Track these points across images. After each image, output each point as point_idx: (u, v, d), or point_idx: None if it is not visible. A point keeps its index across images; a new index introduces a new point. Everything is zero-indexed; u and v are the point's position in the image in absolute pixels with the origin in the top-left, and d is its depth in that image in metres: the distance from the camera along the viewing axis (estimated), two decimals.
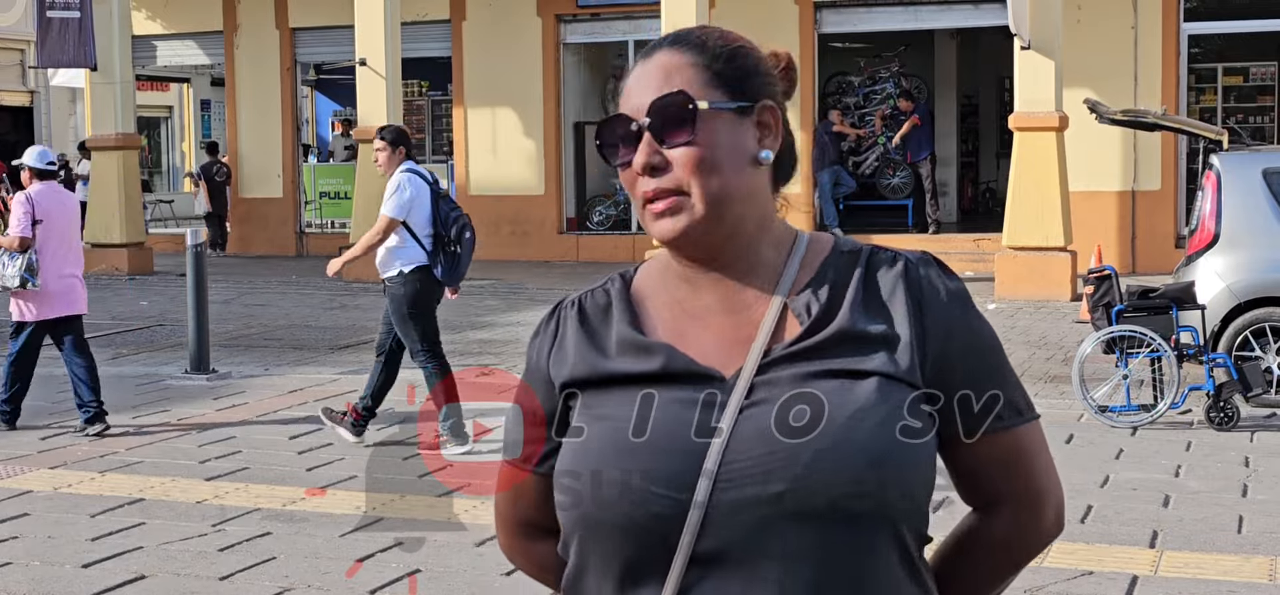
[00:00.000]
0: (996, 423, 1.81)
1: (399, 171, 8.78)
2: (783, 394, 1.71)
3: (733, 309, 1.80)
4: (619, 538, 1.72)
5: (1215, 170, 10.41)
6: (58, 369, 12.01)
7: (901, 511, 1.73)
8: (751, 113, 1.80)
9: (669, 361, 1.77)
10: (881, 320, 1.77)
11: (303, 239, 23.88)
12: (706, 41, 1.84)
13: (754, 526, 1.67)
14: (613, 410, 1.77)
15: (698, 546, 1.68)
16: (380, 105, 19.32)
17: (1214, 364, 9.29)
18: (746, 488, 1.67)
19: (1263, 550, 6.46)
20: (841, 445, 1.68)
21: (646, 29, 20.89)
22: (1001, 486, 1.85)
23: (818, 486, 1.67)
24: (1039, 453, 1.86)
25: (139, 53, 23.25)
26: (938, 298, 1.79)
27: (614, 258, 21.49)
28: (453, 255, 8.84)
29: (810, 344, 1.75)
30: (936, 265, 1.83)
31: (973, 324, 1.82)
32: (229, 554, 6.48)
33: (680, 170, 1.75)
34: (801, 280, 1.80)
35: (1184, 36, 19.37)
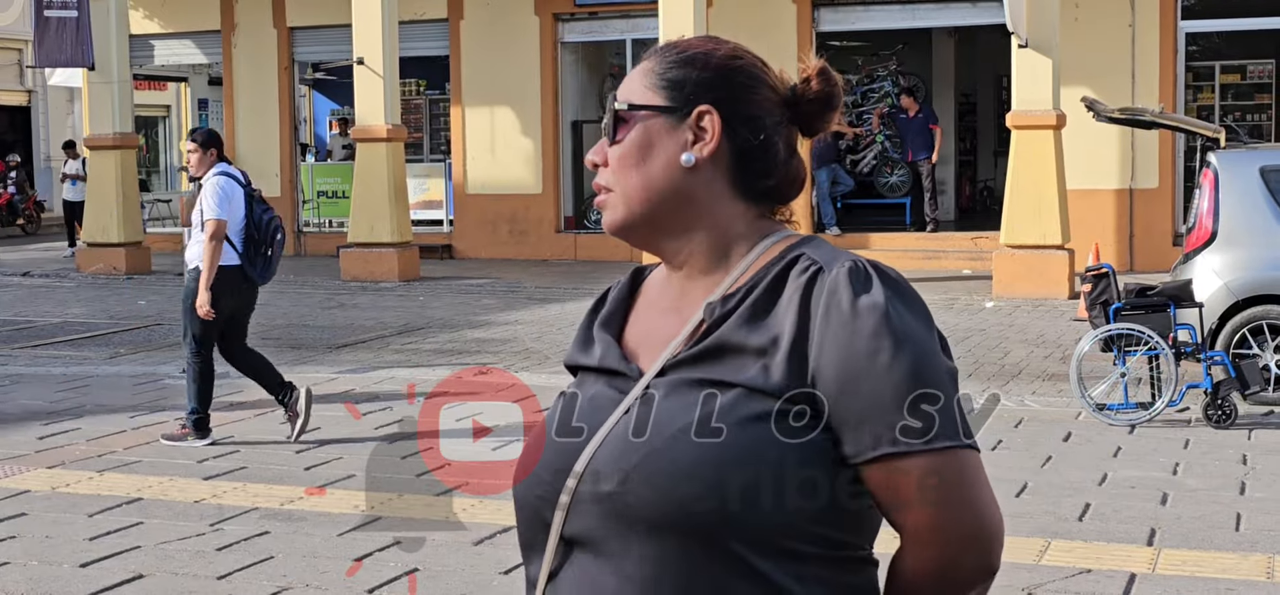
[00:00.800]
0: (873, 450, 1.72)
1: (213, 173, 8.89)
2: (659, 397, 1.78)
3: (678, 309, 1.87)
4: (520, 515, 1.88)
5: (1212, 168, 10.41)
6: (56, 368, 12.02)
7: (742, 529, 1.71)
8: (684, 117, 1.84)
9: (603, 357, 1.90)
10: (766, 331, 1.75)
11: (300, 238, 23.87)
12: (671, 49, 1.90)
13: (597, 519, 1.77)
14: (563, 401, 1.92)
15: (565, 530, 1.80)
16: (378, 104, 19.32)
17: (1212, 362, 9.30)
18: (594, 483, 1.76)
19: (1260, 548, 6.46)
20: (662, 455, 1.72)
21: (644, 28, 20.90)
22: (895, 518, 1.77)
23: (636, 492, 1.73)
24: (941, 485, 1.72)
25: (136, 52, 23.24)
26: (835, 309, 1.72)
27: (612, 257, 21.49)
28: (266, 257, 8.94)
29: (694, 352, 1.79)
30: (860, 274, 1.74)
31: (873, 343, 1.70)
32: (227, 553, 6.48)
33: (610, 169, 1.88)
34: (735, 286, 1.82)
35: (1181, 34, 19.37)
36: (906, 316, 1.73)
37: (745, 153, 1.85)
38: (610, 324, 1.94)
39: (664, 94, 1.85)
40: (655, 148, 1.85)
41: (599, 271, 19.94)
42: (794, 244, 1.84)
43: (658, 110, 1.85)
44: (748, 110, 1.85)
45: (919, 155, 21.11)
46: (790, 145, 1.89)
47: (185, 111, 33.76)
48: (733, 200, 1.86)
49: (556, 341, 13.56)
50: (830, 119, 1.90)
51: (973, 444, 1.76)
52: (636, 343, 1.89)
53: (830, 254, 1.79)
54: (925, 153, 21.01)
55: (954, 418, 1.74)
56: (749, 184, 1.86)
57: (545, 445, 1.86)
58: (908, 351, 1.71)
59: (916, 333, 1.74)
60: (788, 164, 1.89)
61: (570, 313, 15.67)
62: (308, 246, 23.68)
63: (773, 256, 1.83)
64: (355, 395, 10.42)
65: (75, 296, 18.03)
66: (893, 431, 1.71)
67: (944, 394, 1.73)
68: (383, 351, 13.07)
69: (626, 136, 1.87)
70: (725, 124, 1.84)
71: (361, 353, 13.00)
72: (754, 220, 1.87)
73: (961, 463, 1.74)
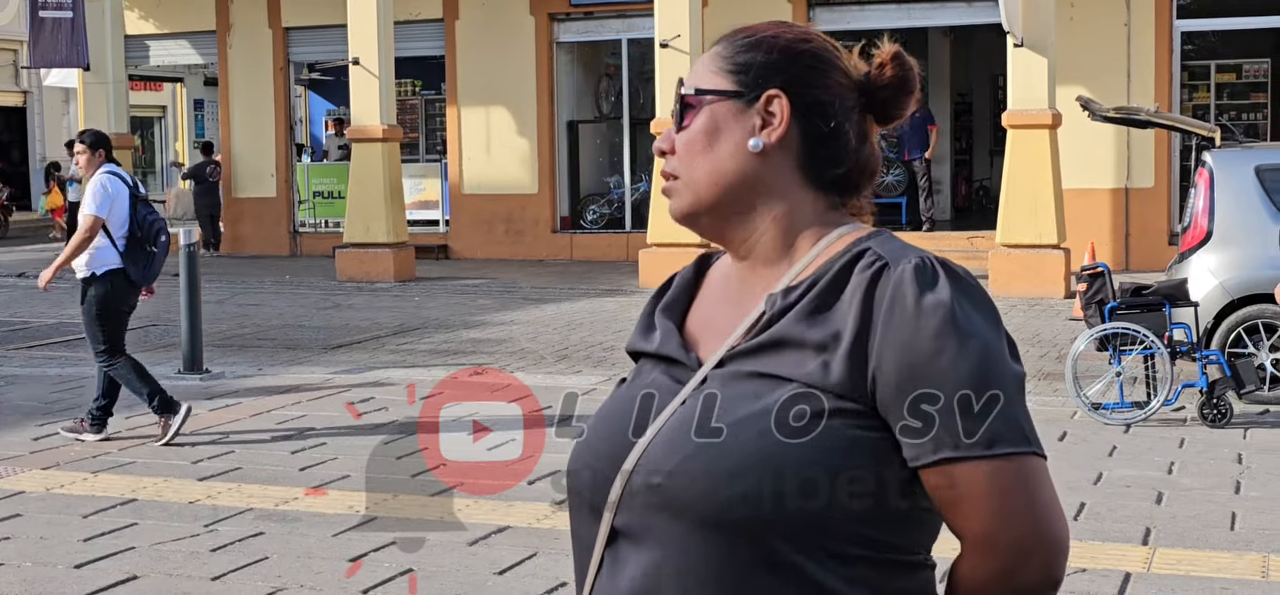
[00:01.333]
0: (933, 454, 1.66)
1: (99, 173, 8.98)
2: (716, 388, 1.75)
3: (740, 300, 1.82)
4: (573, 502, 1.85)
5: (1208, 167, 10.41)
6: (52, 369, 12.01)
7: (792, 528, 1.67)
8: (753, 102, 1.80)
9: (662, 344, 1.85)
10: (827, 327, 1.70)
11: (296, 239, 23.86)
12: (739, 33, 1.86)
13: (647, 510, 1.73)
14: (624, 387, 1.88)
15: (616, 520, 1.76)
16: (373, 104, 19.31)
17: (1207, 361, 9.30)
18: (647, 475, 1.73)
19: (1255, 547, 6.46)
20: (713, 450, 1.69)
21: (640, 27, 20.89)
22: (954, 523, 1.71)
23: (685, 486, 1.70)
24: (1001, 493, 1.67)
25: (132, 52, 23.22)
26: (898, 306, 1.67)
27: (608, 256, 21.50)
28: (149, 255, 9.04)
29: (752, 345, 1.75)
30: (927, 271, 1.69)
31: (936, 343, 1.65)
32: (221, 554, 6.47)
33: (677, 156, 1.84)
34: (799, 278, 1.77)
35: (1177, 33, 19.38)
36: (973, 316, 1.68)
37: (815, 139, 1.80)
38: (672, 311, 1.89)
39: (731, 78, 1.82)
40: (723, 133, 1.81)
41: (595, 272, 19.94)
42: (861, 238, 1.78)
43: (725, 95, 1.81)
44: (817, 95, 1.80)
45: (914, 154, 21.12)
46: (862, 133, 1.83)
47: (181, 112, 33.74)
48: (801, 188, 1.81)
49: (552, 342, 13.55)
50: (906, 105, 1.84)
51: (1037, 450, 1.69)
52: (697, 331, 1.85)
53: (898, 249, 1.73)
54: (920, 152, 21.01)
55: (1018, 423, 1.68)
56: (818, 172, 1.81)
57: (601, 433, 1.82)
58: (972, 353, 1.66)
59: (982, 333, 1.68)
60: (859, 152, 1.82)
61: (566, 313, 15.67)
62: (303, 247, 23.67)
63: (839, 250, 1.77)
64: (352, 396, 10.42)
65: (71, 297, 17.96)
66: (953, 436, 1.65)
67: (1009, 398, 1.67)
68: (378, 352, 13.06)
69: (693, 122, 1.82)
70: (794, 109, 1.79)
71: (357, 353, 12.99)
72: (823, 211, 1.82)
73: (1025, 470, 1.68)
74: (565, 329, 14.41)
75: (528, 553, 6.37)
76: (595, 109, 23.26)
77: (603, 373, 11.60)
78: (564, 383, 11.05)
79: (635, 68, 22.25)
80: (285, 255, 23.49)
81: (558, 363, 12.33)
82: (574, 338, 13.82)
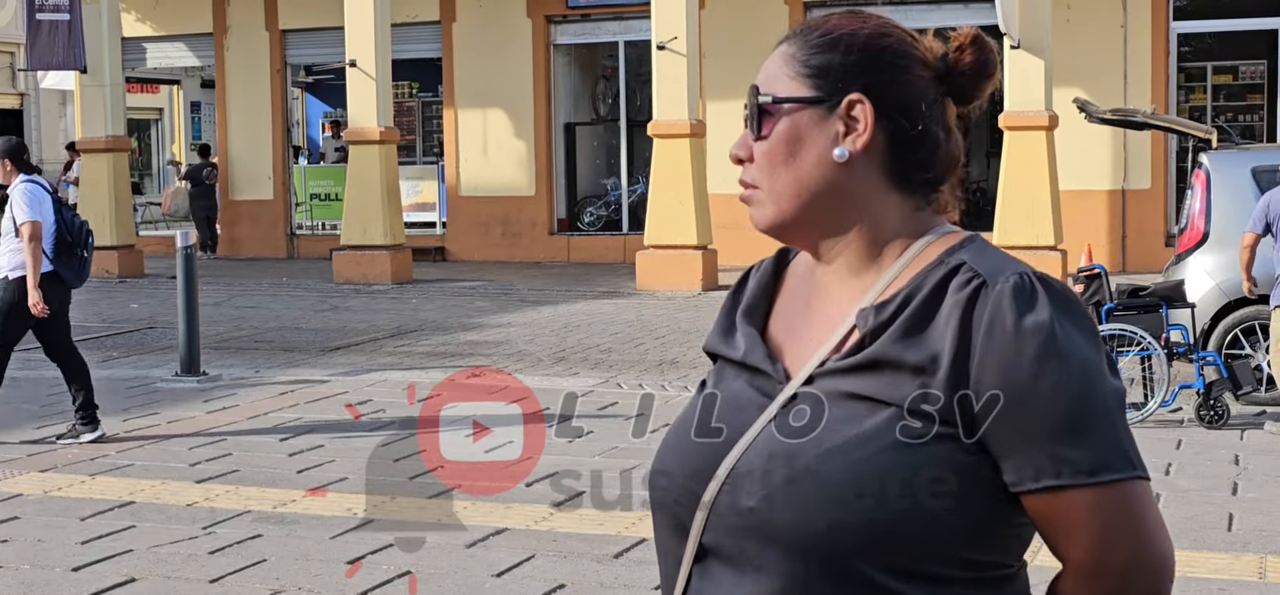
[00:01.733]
0: (1035, 481, 1.63)
1: (20, 182, 9.07)
2: (808, 407, 1.68)
3: (827, 310, 1.76)
4: (657, 517, 1.80)
5: (1204, 169, 10.43)
6: (49, 371, 12.00)
7: (887, 554, 1.64)
8: (833, 107, 1.72)
9: (748, 353, 1.79)
10: (925, 348, 1.64)
11: (294, 241, 23.86)
12: (811, 30, 1.77)
13: (735, 531, 1.69)
14: (704, 394, 1.82)
15: (703, 538, 1.72)
16: (371, 107, 19.31)
17: (1204, 362, 9.31)
18: (735, 494, 1.68)
19: (1253, 548, 6.47)
20: (809, 476, 1.64)
21: (637, 29, 20.90)
22: (1057, 548, 1.68)
23: (778, 511, 1.65)
24: (1105, 520, 1.63)
25: (129, 55, 23.22)
26: (998, 328, 1.62)
27: (605, 258, 21.50)
28: (81, 259, 9.16)
29: (848, 363, 1.68)
30: (1026, 291, 1.63)
31: (1037, 366, 1.60)
32: (219, 556, 6.47)
33: (757, 166, 1.77)
34: (888, 291, 1.71)
35: (1173, 35, 19.39)
36: (1074, 337, 1.62)
37: (900, 141, 1.73)
38: (753, 315, 1.83)
39: (810, 83, 1.73)
40: (805, 142, 1.73)
41: (592, 274, 19.94)
42: (953, 246, 1.72)
43: (805, 102, 1.73)
44: (901, 95, 1.73)
45: None
46: (946, 126, 1.77)
47: (178, 114, 33.76)
48: (888, 192, 1.74)
49: (549, 344, 13.55)
50: (984, 89, 1.79)
51: (1141, 473, 1.65)
52: (781, 339, 1.79)
53: (994, 264, 1.67)
54: None
55: (1121, 447, 1.63)
56: (905, 175, 1.74)
57: (685, 443, 1.77)
58: (1073, 376, 1.61)
59: (1083, 355, 1.62)
60: (945, 147, 1.77)
61: (563, 315, 15.67)
62: (300, 249, 23.67)
63: (931, 260, 1.71)
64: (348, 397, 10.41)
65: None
66: (1056, 463, 1.61)
67: (1111, 421, 1.63)
68: (376, 354, 13.06)
69: (772, 131, 1.74)
70: (878, 111, 1.72)
71: (354, 355, 12.99)
72: (910, 214, 1.75)
73: (1129, 495, 1.63)
74: (562, 331, 14.41)
75: (526, 555, 6.37)
76: (592, 111, 23.27)
77: (600, 375, 11.60)
78: (561, 385, 11.05)
79: (632, 70, 22.25)
80: (282, 257, 23.49)
81: (555, 365, 12.33)
82: (571, 340, 13.82)
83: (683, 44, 17.60)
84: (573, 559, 6.32)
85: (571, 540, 6.57)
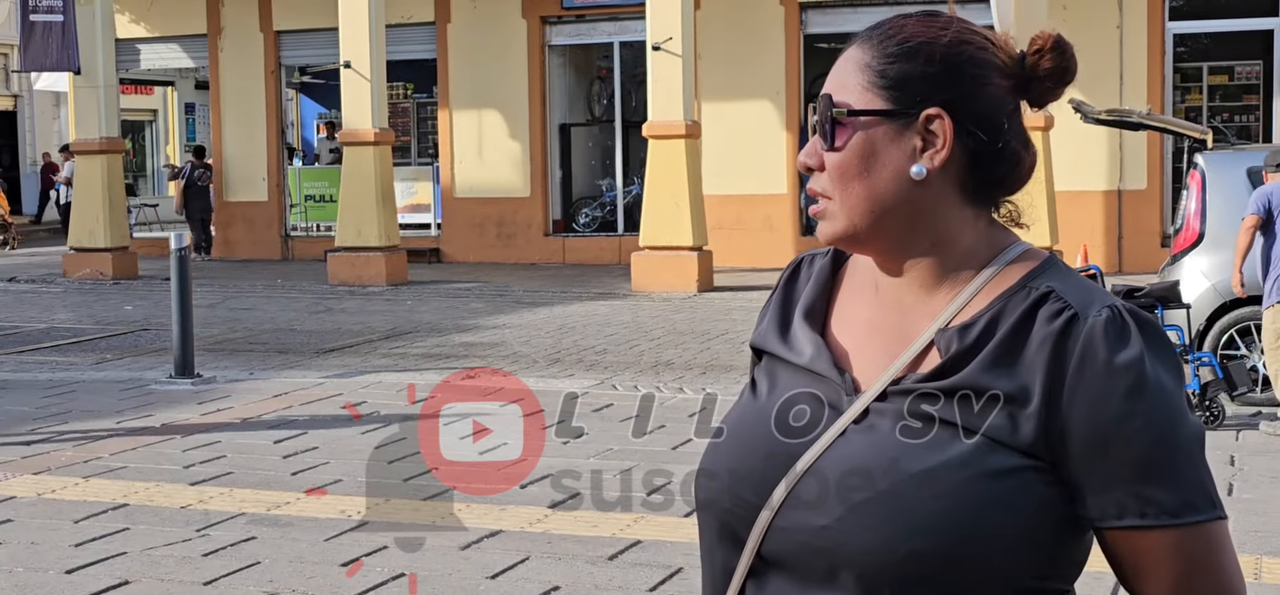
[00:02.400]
0: (1118, 519, 1.61)
1: None
2: (887, 426, 1.64)
3: (898, 325, 1.71)
4: (705, 521, 1.76)
5: (1200, 169, 10.43)
6: (43, 374, 11.98)
7: (962, 586, 1.60)
8: (911, 121, 1.67)
9: (814, 359, 1.74)
10: (1014, 378, 1.61)
11: (288, 242, 23.84)
12: (887, 36, 1.70)
13: (801, 547, 1.65)
14: (760, 389, 1.78)
15: (763, 548, 1.67)
16: (365, 108, 19.30)
17: (1200, 363, 9.30)
18: (804, 510, 1.64)
19: (1248, 549, 6.46)
20: (890, 500, 1.60)
21: (632, 30, 20.89)
22: (1133, 585, 1.67)
23: (854, 534, 1.61)
24: (1186, 561, 1.62)
25: (123, 56, 23.19)
26: (1091, 363, 1.59)
27: (600, 259, 21.50)
28: None
29: (933, 387, 1.64)
30: (1117, 326, 1.60)
31: (1127, 405, 1.58)
32: (213, 559, 6.45)
33: (827, 176, 1.70)
34: (967, 312, 1.67)
35: (1169, 36, 19.41)
36: (1161, 376, 1.60)
37: (980, 156, 1.68)
38: (815, 316, 1.78)
39: (886, 95, 1.67)
40: (880, 157, 1.67)
41: (587, 275, 19.93)
42: (1035, 270, 1.68)
43: (881, 114, 1.67)
44: (980, 108, 1.68)
45: None
46: (1024, 137, 1.73)
47: (172, 116, 33.72)
48: (962, 207, 1.69)
49: (544, 345, 13.54)
50: (1061, 94, 1.77)
51: (1221, 514, 1.63)
52: (845, 344, 1.74)
53: (1083, 295, 1.63)
54: None
55: (1204, 488, 1.61)
56: (982, 191, 1.70)
57: (742, 447, 1.72)
58: (1161, 416, 1.59)
59: (1170, 394, 1.61)
60: (1022, 155, 1.73)
61: (558, 316, 15.66)
62: (295, 250, 23.65)
63: (1011, 282, 1.67)
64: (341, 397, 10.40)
65: (61, 302, 17.97)
66: (1141, 502, 1.59)
67: (1195, 461, 1.61)
68: (370, 355, 13.04)
69: (846, 143, 1.68)
70: (957, 126, 1.66)
71: (349, 357, 12.97)
72: (985, 229, 1.71)
73: (1210, 536, 1.62)
74: (557, 332, 14.39)
75: (520, 557, 6.36)
76: (587, 112, 23.26)
77: (595, 376, 11.58)
78: (557, 386, 11.04)
79: (627, 71, 22.24)
80: (277, 259, 23.47)
81: (550, 366, 12.31)
82: (566, 341, 13.81)
83: (678, 45, 17.59)
84: (568, 560, 6.30)
85: (567, 542, 6.56)
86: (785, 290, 1.83)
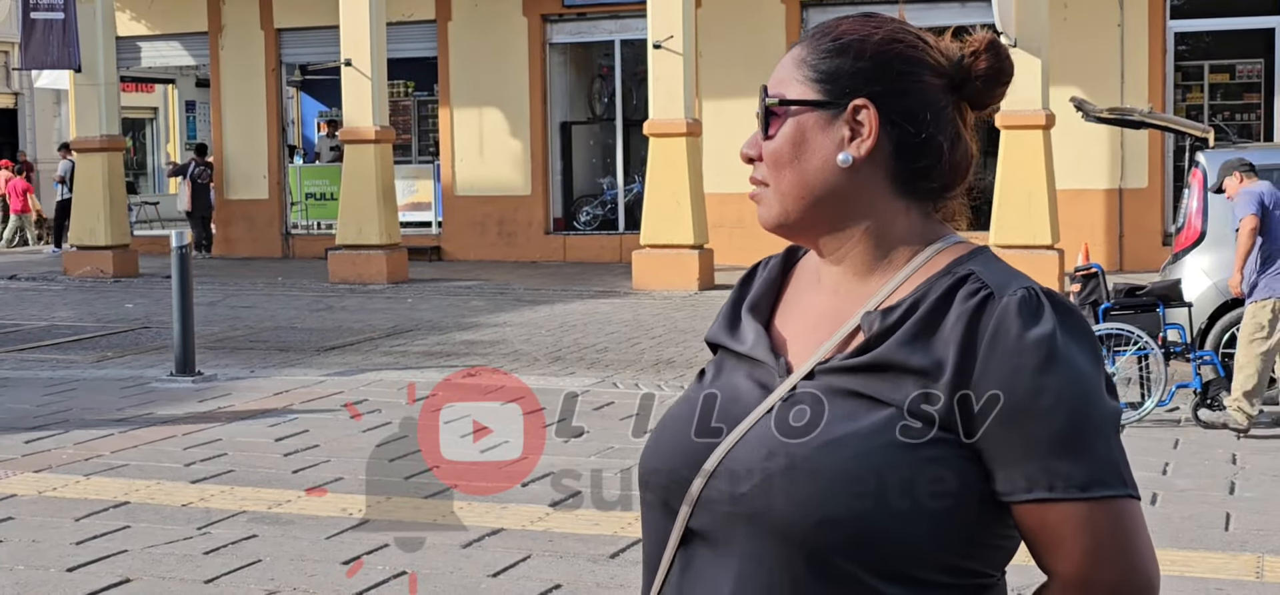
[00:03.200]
0: (1026, 493, 1.64)
1: None
2: (808, 403, 1.70)
3: (833, 311, 1.77)
4: (645, 496, 1.83)
5: (1202, 168, 10.42)
6: (43, 372, 11.98)
7: (873, 553, 1.64)
8: (839, 112, 1.74)
9: (753, 346, 1.81)
10: (930, 354, 1.65)
11: (289, 240, 23.83)
12: (823, 34, 1.79)
13: (725, 518, 1.70)
14: (703, 383, 1.84)
15: (691, 520, 1.73)
16: (366, 106, 19.29)
17: (1201, 361, 9.30)
18: (729, 482, 1.70)
19: (1250, 548, 6.46)
20: (805, 467, 1.65)
21: (633, 28, 20.88)
22: (1044, 562, 1.70)
23: (772, 500, 1.66)
24: (1095, 536, 1.64)
25: (123, 54, 23.18)
26: (1002, 339, 1.63)
27: (600, 258, 21.49)
28: None
29: (853, 363, 1.70)
30: (1031, 304, 1.65)
31: (1037, 380, 1.62)
32: (214, 557, 6.45)
33: (764, 164, 1.79)
34: (895, 296, 1.72)
35: (1170, 34, 19.39)
36: (1074, 353, 1.64)
37: (905, 148, 1.74)
38: (759, 309, 1.85)
39: (817, 87, 1.75)
40: (810, 145, 1.75)
41: (588, 273, 19.92)
42: (962, 257, 1.74)
43: (811, 105, 1.75)
44: (907, 102, 1.74)
45: None
46: (955, 132, 1.78)
47: (173, 113, 33.72)
48: (893, 198, 1.76)
49: (545, 343, 13.53)
50: (999, 96, 1.83)
51: (1132, 492, 1.66)
52: (785, 334, 1.81)
53: (1002, 277, 1.69)
54: None
55: (1115, 464, 1.65)
56: (910, 182, 1.76)
57: (679, 430, 1.79)
58: (1072, 392, 1.63)
59: (1083, 371, 1.65)
60: (952, 155, 1.78)
61: (559, 314, 15.65)
62: (295, 249, 23.64)
63: (939, 268, 1.73)
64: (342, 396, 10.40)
65: (62, 299, 17.97)
66: (1050, 475, 1.63)
67: (1107, 439, 1.65)
68: (371, 354, 13.04)
69: (779, 132, 1.77)
70: (883, 118, 1.73)
71: (350, 355, 12.97)
72: (917, 221, 1.77)
73: (1120, 513, 1.65)
74: (558, 331, 14.39)
75: (522, 555, 6.35)
76: (588, 110, 23.25)
77: (596, 374, 11.58)
78: (558, 384, 11.04)
79: (628, 69, 22.24)
80: (278, 257, 23.46)
81: (551, 364, 12.31)
82: (567, 339, 13.80)
83: (679, 43, 17.58)
84: (569, 559, 6.30)
85: (567, 540, 6.56)
86: (740, 289, 1.90)
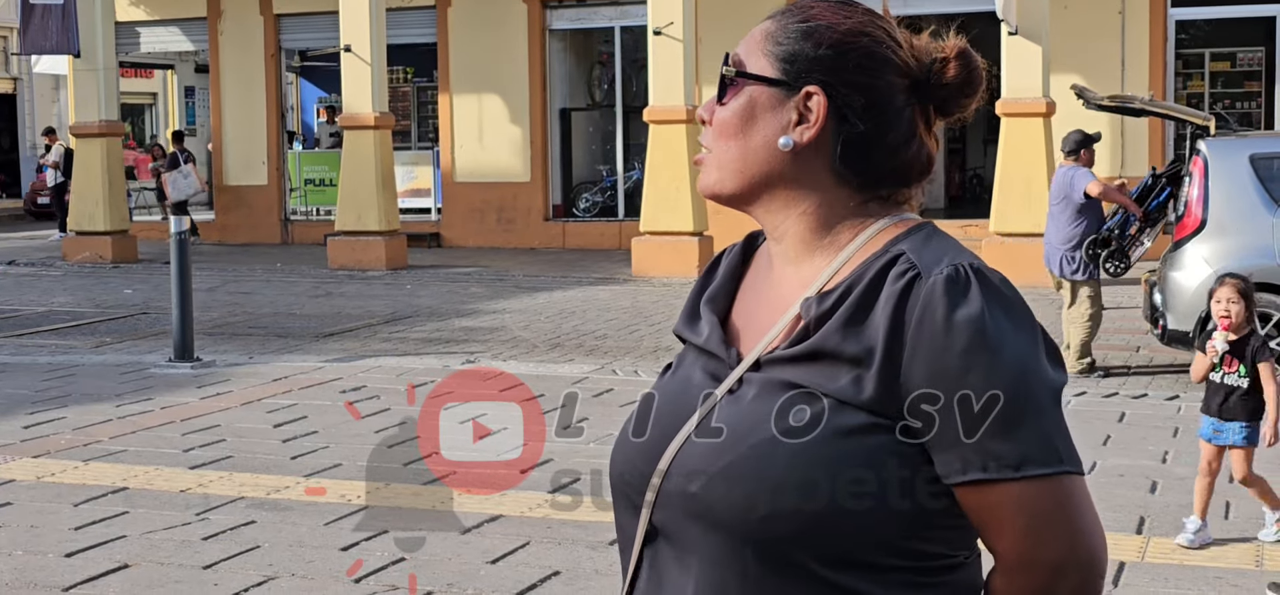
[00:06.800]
0: (963, 474, 1.62)
1: None
2: (751, 394, 1.70)
3: (780, 296, 1.76)
4: (614, 494, 1.82)
5: (1202, 156, 10.40)
6: (42, 357, 11.96)
7: (820, 543, 1.63)
8: (792, 93, 1.72)
9: (708, 338, 1.80)
10: (862, 340, 1.63)
11: (288, 226, 23.81)
12: (793, 13, 1.76)
13: (679, 513, 1.70)
14: (667, 376, 1.85)
15: (653, 518, 1.73)
16: (365, 92, 19.26)
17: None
18: (681, 479, 1.69)
19: (1249, 536, 6.46)
20: (745, 462, 1.64)
21: (632, 15, 20.85)
22: (987, 541, 1.67)
23: (716, 496, 1.66)
24: (1033, 515, 1.62)
25: (122, 39, 23.15)
26: (928, 321, 1.60)
27: (600, 245, 21.47)
28: None
29: (792, 353, 1.68)
30: (958, 283, 1.62)
31: (965, 361, 1.59)
32: (213, 543, 6.44)
33: (712, 131, 1.78)
34: (834, 280, 1.70)
35: (1171, 22, 19.37)
36: (1005, 330, 1.61)
37: (852, 140, 1.71)
38: (717, 300, 1.83)
39: (777, 65, 1.73)
40: (758, 122, 1.73)
41: (587, 260, 19.91)
42: (897, 236, 1.70)
43: (765, 81, 1.73)
44: (863, 96, 1.71)
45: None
46: (910, 132, 1.73)
47: (171, 99, 33.67)
48: (835, 186, 1.73)
49: (544, 330, 13.52)
50: (966, 105, 1.76)
51: (1073, 468, 1.64)
52: (739, 324, 1.80)
53: (932, 255, 1.65)
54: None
55: (1051, 441, 1.63)
56: (852, 173, 1.72)
57: (642, 427, 1.79)
58: (1003, 370, 1.60)
59: (1015, 348, 1.61)
60: (900, 153, 1.73)
61: (558, 301, 15.64)
62: (295, 235, 23.62)
63: (876, 249, 1.69)
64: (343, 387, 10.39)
65: (61, 285, 17.95)
66: (983, 457, 1.60)
67: (1041, 415, 1.62)
68: (370, 340, 13.03)
69: (731, 102, 1.75)
70: (834, 107, 1.70)
71: (349, 341, 12.96)
72: (860, 205, 1.74)
73: (1059, 490, 1.63)
74: (557, 317, 14.38)
75: (520, 542, 6.35)
76: (588, 97, 23.22)
77: (595, 361, 11.57)
78: (557, 371, 11.02)
79: (628, 55, 22.21)
80: (277, 243, 23.44)
81: (550, 351, 12.30)
82: (566, 326, 13.79)
83: (679, 29, 17.56)
84: (567, 545, 6.29)
85: (566, 527, 6.55)
86: (703, 280, 1.89)
